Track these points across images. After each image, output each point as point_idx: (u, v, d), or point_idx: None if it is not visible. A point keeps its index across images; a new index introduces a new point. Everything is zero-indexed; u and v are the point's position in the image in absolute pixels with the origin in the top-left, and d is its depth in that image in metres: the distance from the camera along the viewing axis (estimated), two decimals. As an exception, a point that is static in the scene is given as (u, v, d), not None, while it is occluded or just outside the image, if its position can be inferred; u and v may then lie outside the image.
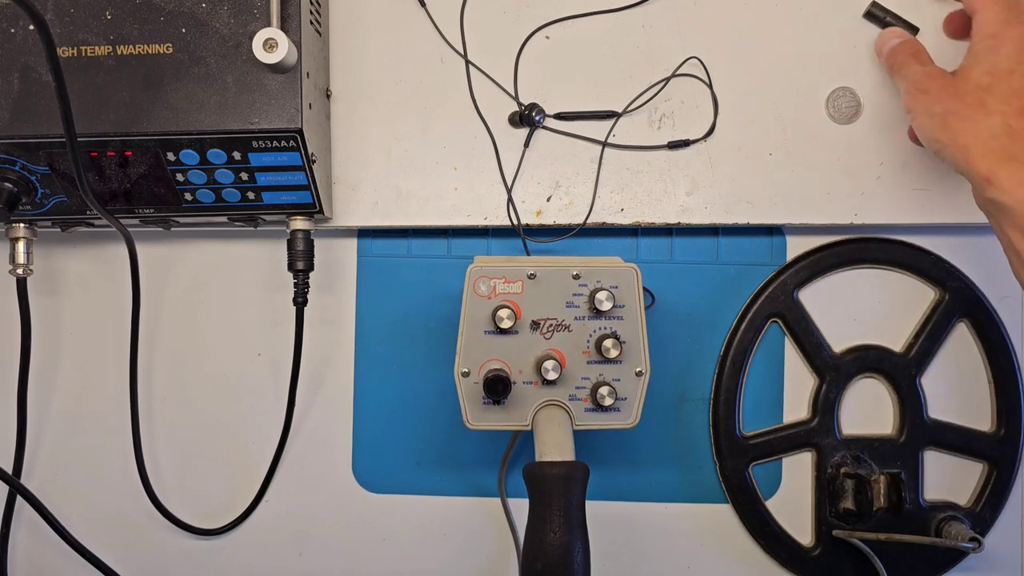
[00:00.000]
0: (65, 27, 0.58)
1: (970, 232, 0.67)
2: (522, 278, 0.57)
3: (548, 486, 0.53)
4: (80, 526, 0.63)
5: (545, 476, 0.53)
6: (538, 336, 0.57)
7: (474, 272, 0.57)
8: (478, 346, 0.57)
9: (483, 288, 0.57)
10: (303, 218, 0.63)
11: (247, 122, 0.57)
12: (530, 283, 0.57)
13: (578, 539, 0.52)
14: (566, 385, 0.57)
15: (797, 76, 0.66)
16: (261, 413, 0.69)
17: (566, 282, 0.57)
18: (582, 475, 0.54)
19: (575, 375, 0.57)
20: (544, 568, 0.51)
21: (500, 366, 0.57)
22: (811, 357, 0.67)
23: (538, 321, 0.57)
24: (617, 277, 0.57)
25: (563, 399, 0.57)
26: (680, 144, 0.65)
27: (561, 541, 0.51)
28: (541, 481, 0.53)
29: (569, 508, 0.52)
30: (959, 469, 0.68)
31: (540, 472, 0.53)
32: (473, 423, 0.58)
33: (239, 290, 0.70)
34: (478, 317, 0.57)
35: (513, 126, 0.66)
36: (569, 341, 0.57)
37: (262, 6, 0.57)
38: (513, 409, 0.57)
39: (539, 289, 0.57)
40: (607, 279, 0.57)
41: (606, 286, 0.56)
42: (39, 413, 0.70)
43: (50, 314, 0.70)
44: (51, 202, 0.61)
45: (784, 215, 0.65)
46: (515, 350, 0.57)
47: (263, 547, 0.70)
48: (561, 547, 0.51)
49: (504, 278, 0.57)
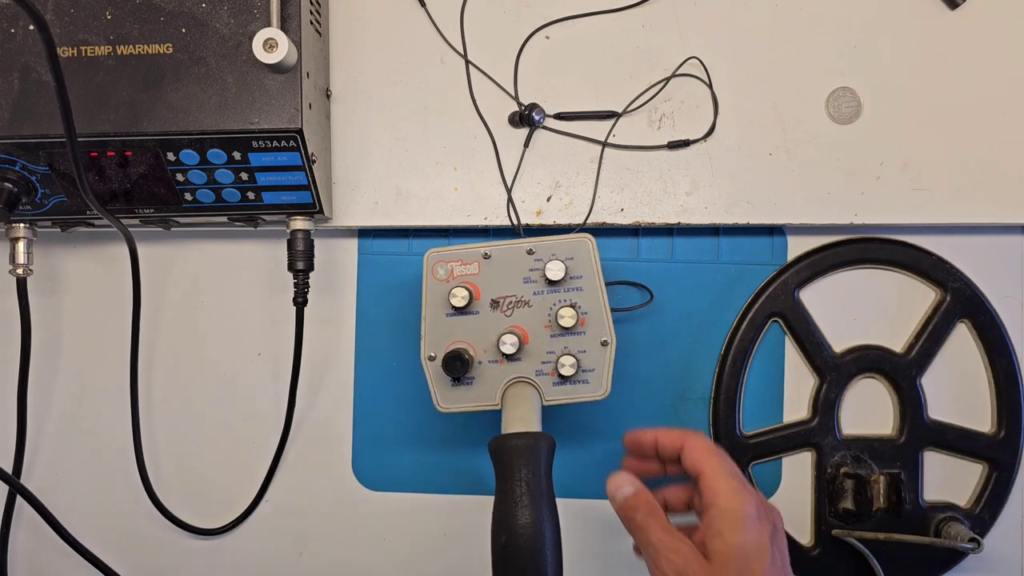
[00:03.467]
0: (65, 27, 0.58)
1: (970, 232, 0.67)
2: (478, 259, 0.57)
3: (511, 458, 0.51)
4: (80, 526, 0.63)
5: (507, 448, 0.52)
6: (499, 314, 0.57)
7: (431, 257, 0.58)
8: (442, 329, 0.58)
9: (441, 272, 0.58)
10: (303, 218, 0.63)
11: (247, 122, 0.57)
12: (486, 263, 0.57)
13: (545, 510, 0.50)
14: (531, 360, 0.57)
15: (797, 76, 0.65)
16: (261, 413, 0.69)
17: (521, 259, 0.57)
18: (547, 444, 0.52)
19: (540, 350, 0.57)
20: (510, 541, 0.49)
21: (464, 346, 0.57)
22: (811, 357, 0.67)
23: (497, 300, 0.57)
24: (572, 249, 0.57)
25: (530, 375, 0.57)
26: (680, 144, 0.65)
27: (528, 514, 0.50)
28: (503, 453, 0.52)
29: (535, 479, 0.51)
30: (959, 470, 0.68)
31: (503, 444, 0.52)
32: (444, 406, 0.58)
33: (239, 290, 0.70)
34: (438, 301, 0.58)
35: (513, 126, 0.66)
36: (530, 316, 0.57)
37: (262, 6, 0.57)
38: (482, 389, 0.57)
39: (495, 268, 0.57)
40: (562, 251, 0.57)
41: (561, 257, 0.56)
42: (39, 413, 0.70)
43: (50, 314, 0.70)
44: (51, 202, 0.61)
45: (784, 215, 0.65)
46: (478, 330, 0.57)
47: (263, 547, 0.70)
48: (528, 520, 0.50)
49: (460, 260, 0.58)
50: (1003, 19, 0.65)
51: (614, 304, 0.62)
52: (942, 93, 0.65)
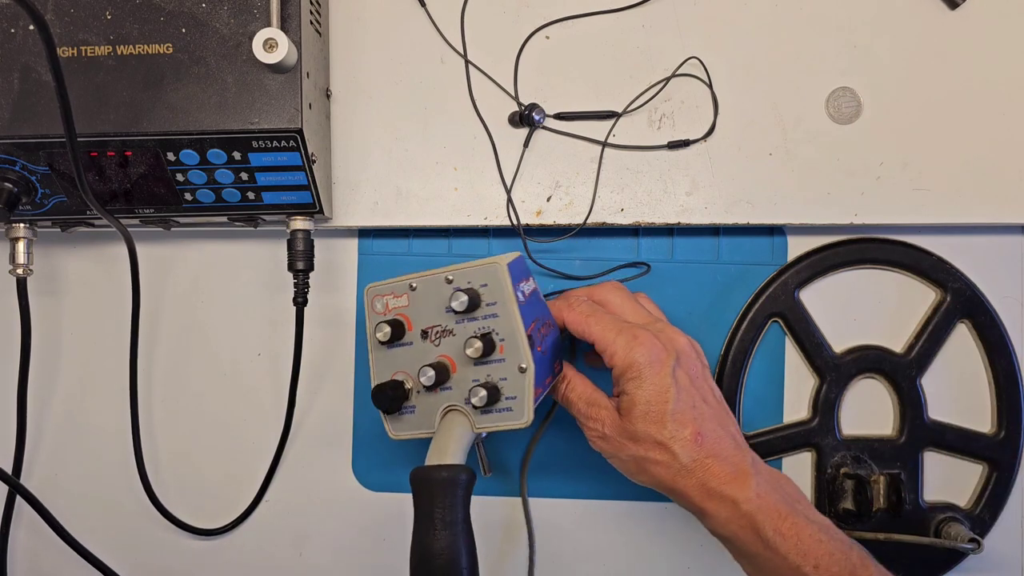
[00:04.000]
0: (65, 27, 0.58)
1: (970, 232, 0.67)
2: (406, 291, 0.58)
3: (426, 490, 0.53)
4: (80, 526, 0.63)
5: (422, 479, 0.53)
6: (428, 344, 0.57)
7: (370, 292, 0.59)
8: (386, 361, 0.59)
9: (379, 306, 0.59)
10: (303, 218, 0.63)
11: (247, 122, 0.57)
12: (413, 294, 0.57)
13: (460, 537, 0.52)
14: (460, 389, 0.56)
15: (797, 76, 0.65)
16: (261, 413, 0.69)
17: (442, 288, 0.56)
18: (464, 477, 0.53)
19: (467, 378, 0.56)
20: (422, 563, 0.52)
21: (403, 377, 0.58)
22: (812, 357, 0.67)
23: (426, 330, 0.57)
24: (485, 275, 0.55)
25: (460, 403, 0.56)
26: (680, 144, 0.65)
27: (442, 541, 0.51)
28: (417, 484, 0.53)
29: (451, 510, 0.52)
30: (959, 470, 0.68)
31: (418, 476, 0.54)
32: (394, 434, 0.59)
33: (239, 290, 0.70)
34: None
35: (513, 126, 0.66)
36: (456, 345, 0.56)
37: (262, 6, 0.57)
38: (422, 417, 0.58)
39: (421, 299, 0.57)
40: (476, 278, 0.56)
41: (475, 286, 0.56)
42: (39, 413, 0.70)
43: (50, 314, 0.70)
44: (51, 202, 0.61)
45: (784, 215, 0.65)
46: (413, 360, 0.58)
47: (263, 547, 0.70)
48: (443, 546, 0.51)
49: (392, 293, 0.58)
50: (1003, 19, 0.65)
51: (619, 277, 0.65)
52: (942, 93, 0.65)
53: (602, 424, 0.56)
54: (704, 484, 0.54)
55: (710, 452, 0.54)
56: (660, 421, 0.54)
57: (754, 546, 0.53)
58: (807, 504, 0.56)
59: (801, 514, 0.54)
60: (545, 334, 0.57)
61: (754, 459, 0.56)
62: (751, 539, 0.53)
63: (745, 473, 0.54)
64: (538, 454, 0.68)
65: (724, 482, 0.54)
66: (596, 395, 0.58)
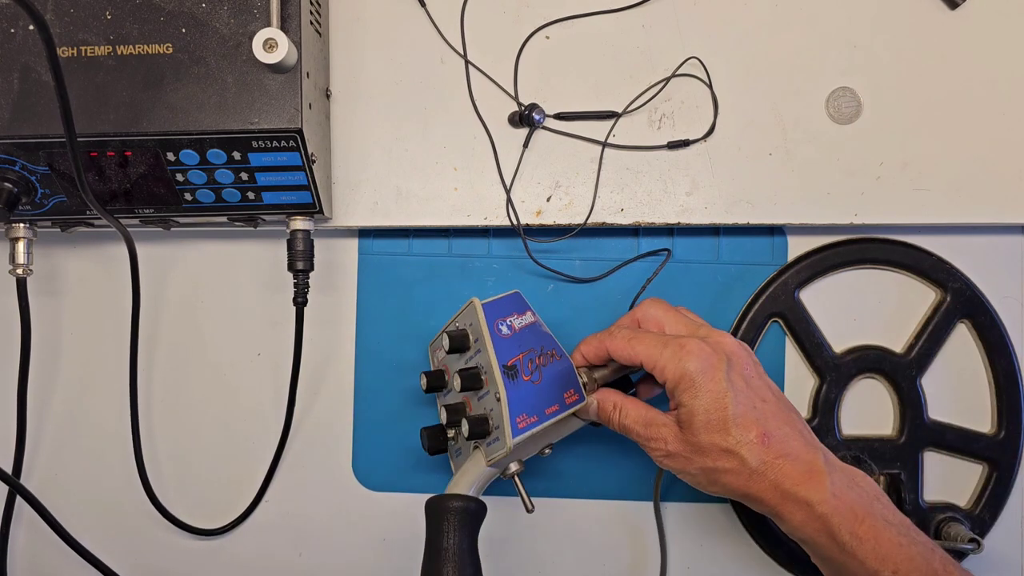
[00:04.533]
0: (65, 27, 0.58)
1: (970, 232, 0.67)
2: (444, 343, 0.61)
3: (439, 517, 0.58)
4: (80, 526, 0.63)
5: (436, 508, 0.58)
6: (454, 388, 0.60)
7: (431, 347, 0.67)
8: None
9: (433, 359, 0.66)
10: (303, 218, 0.63)
11: (247, 122, 0.57)
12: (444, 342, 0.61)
13: (468, 565, 0.56)
14: None
15: (797, 76, 0.66)
16: (261, 413, 0.69)
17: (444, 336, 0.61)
18: (474, 509, 0.58)
19: (476, 414, 0.59)
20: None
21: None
22: (812, 357, 0.67)
23: (451, 374, 0.63)
24: (467, 315, 0.60)
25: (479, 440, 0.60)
26: (680, 144, 0.65)
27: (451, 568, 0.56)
28: (431, 512, 0.58)
29: (460, 538, 0.57)
30: (959, 470, 0.68)
31: (433, 504, 0.58)
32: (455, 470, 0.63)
33: (239, 290, 0.70)
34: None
35: (513, 126, 0.66)
36: None
37: (262, 6, 0.57)
38: (465, 456, 0.61)
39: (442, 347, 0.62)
40: (464, 319, 0.61)
41: (464, 326, 0.61)
42: (39, 413, 0.70)
43: (50, 314, 0.70)
44: (51, 202, 0.61)
45: (784, 215, 0.65)
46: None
47: (263, 547, 0.70)
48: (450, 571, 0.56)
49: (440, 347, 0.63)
50: (1003, 19, 0.65)
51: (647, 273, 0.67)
52: (942, 93, 0.65)
53: (665, 442, 0.55)
54: (777, 486, 0.52)
55: (779, 452, 0.52)
56: (723, 428, 0.52)
57: (830, 550, 0.52)
58: (887, 502, 0.54)
59: (879, 515, 0.52)
60: (541, 364, 0.59)
61: (826, 455, 0.54)
62: (827, 543, 0.52)
63: (819, 471, 0.52)
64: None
65: (798, 483, 0.52)
66: (651, 414, 0.56)
